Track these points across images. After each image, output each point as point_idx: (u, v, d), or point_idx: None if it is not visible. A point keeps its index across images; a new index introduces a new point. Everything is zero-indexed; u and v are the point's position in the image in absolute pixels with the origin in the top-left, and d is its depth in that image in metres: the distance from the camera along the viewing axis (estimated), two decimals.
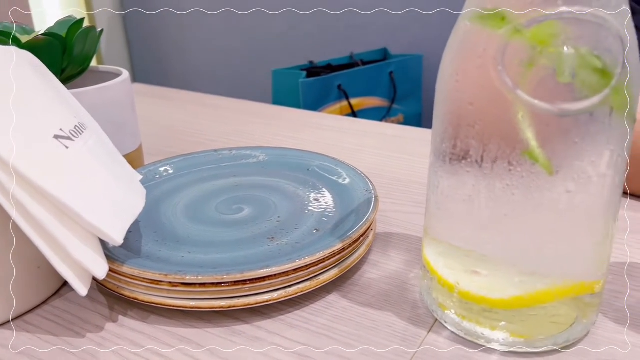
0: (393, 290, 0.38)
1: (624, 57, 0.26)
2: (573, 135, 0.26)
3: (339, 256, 0.37)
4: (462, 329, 0.32)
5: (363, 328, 0.34)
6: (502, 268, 0.30)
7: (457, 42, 0.29)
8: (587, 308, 0.32)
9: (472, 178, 0.29)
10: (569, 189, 0.27)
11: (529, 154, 0.27)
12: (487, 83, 0.27)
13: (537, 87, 0.26)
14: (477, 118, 0.28)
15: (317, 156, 0.51)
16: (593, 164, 0.27)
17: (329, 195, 0.45)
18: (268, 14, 1.64)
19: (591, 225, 0.29)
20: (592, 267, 0.30)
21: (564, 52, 0.25)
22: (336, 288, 0.38)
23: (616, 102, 0.26)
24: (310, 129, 0.73)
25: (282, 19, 1.68)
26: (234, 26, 1.86)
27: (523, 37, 0.26)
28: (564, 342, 0.31)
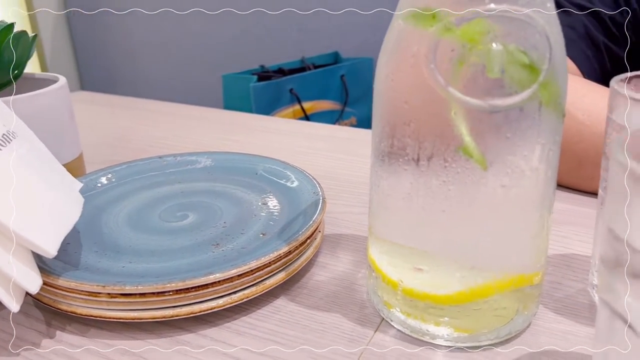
0: (341, 292, 0.37)
1: (550, 53, 0.26)
2: (504, 130, 0.26)
3: (285, 259, 0.36)
4: (408, 326, 0.32)
5: (310, 331, 0.34)
6: (443, 264, 0.30)
7: (391, 42, 0.29)
8: (527, 300, 0.32)
9: (409, 176, 0.29)
10: (503, 183, 0.28)
11: (463, 149, 0.27)
12: (420, 82, 0.27)
13: (468, 84, 0.26)
14: (412, 116, 0.28)
15: (266, 160, 0.51)
16: (525, 158, 0.27)
17: (277, 198, 0.45)
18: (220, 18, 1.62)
19: (527, 218, 0.29)
20: (530, 259, 0.31)
21: (493, 48, 0.26)
22: (284, 292, 0.38)
23: (545, 97, 0.27)
24: (261, 133, 0.73)
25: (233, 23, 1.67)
26: (184, 31, 1.83)
27: (453, 35, 0.26)
28: (506, 334, 0.32)
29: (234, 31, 1.70)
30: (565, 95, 0.29)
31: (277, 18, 1.58)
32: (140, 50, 1.98)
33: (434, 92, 0.27)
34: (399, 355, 0.31)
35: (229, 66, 1.44)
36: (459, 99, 0.26)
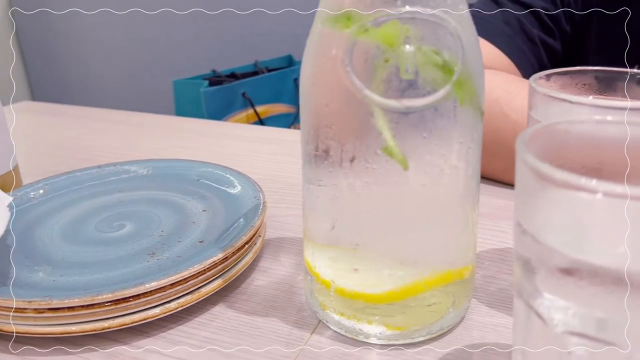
0: (280, 295, 0.37)
1: (463, 52, 0.27)
2: (421, 130, 0.27)
3: (221, 266, 0.36)
4: (343, 326, 0.33)
5: (246, 337, 0.33)
6: (372, 263, 0.31)
7: (312, 45, 0.29)
8: (459, 294, 0.33)
9: (334, 178, 0.29)
10: (423, 182, 0.28)
11: (385, 150, 0.28)
12: (338, 84, 0.27)
13: (383, 85, 0.26)
14: (333, 119, 0.28)
15: (208, 166, 0.50)
16: (444, 157, 0.28)
17: (218, 205, 0.44)
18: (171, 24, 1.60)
19: (450, 215, 0.30)
20: (458, 254, 0.32)
21: (406, 50, 0.26)
22: (222, 299, 0.37)
23: (460, 96, 0.27)
24: (211, 138, 0.72)
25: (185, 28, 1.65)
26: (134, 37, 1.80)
27: (368, 38, 0.26)
28: (439, 330, 0.32)
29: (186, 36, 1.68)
30: (483, 93, 0.29)
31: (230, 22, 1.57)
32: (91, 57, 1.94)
33: (352, 94, 0.27)
34: (333, 356, 0.32)
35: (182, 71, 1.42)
36: (375, 101, 0.26)
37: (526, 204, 0.23)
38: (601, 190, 0.20)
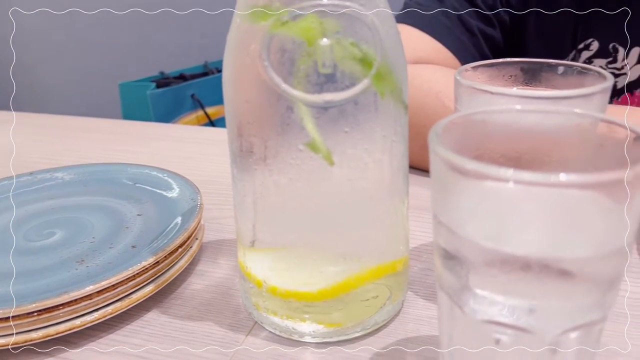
0: (216, 299, 0.37)
1: (381, 46, 0.27)
2: (342, 124, 0.27)
3: (153, 271, 0.35)
4: (277, 326, 0.32)
5: (179, 342, 0.33)
6: (302, 261, 0.30)
7: (231, 40, 0.29)
8: (395, 287, 0.33)
9: (259, 175, 0.29)
10: (348, 176, 0.28)
11: (310, 146, 0.27)
12: (257, 79, 0.27)
13: (302, 80, 0.26)
14: (254, 115, 0.27)
15: (145, 169, 0.49)
16: (367, 151, 0.28)
17: (153, 208, 0.43)
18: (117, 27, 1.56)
19: (378, 209, 0.30)
20: (389, 248, 0.32)
21: (324, 43, 0.26)
22: (156, 304, 0.36)
23: (380, 90, 0.27)
24: (155, 141, 0.71)
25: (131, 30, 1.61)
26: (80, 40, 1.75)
27: (286, 32, 0.26)
28: (374, 325, 0.32)
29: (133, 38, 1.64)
30: (405, 86, 0.29)
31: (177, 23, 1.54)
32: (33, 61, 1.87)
33: (272, 90, 0.26)
34: (267, 358, 0.31)
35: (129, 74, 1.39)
36: (294, 96, 0.26)
37: (440, 196, 0.23)
38: (511, 178, 0.20)
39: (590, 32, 0.66)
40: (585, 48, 0.67)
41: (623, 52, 0.66)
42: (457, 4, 0.63)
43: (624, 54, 0.66)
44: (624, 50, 0.66)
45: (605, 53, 0.67)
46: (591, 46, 0.67)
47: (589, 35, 0.66)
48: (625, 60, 0.67)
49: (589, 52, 0.67)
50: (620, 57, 0.67)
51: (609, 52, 0.67)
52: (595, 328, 0.23)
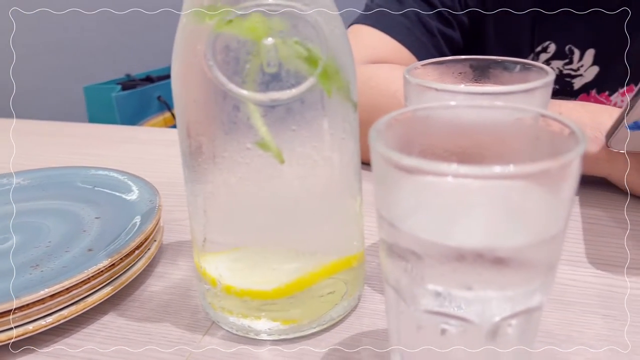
0: (174, 300, 0.37)
1: (326, 45, 0.27)
2: (289, 123, 0.27)
3: (108, 274, 0.35)
4: (233, 325, 0.32)
5: (136, 344, 0.32)
6: (255, 260, 0.30)
7: (178, 40, 0.29)
8: (351, 283, 0.33)
9: (209, 175, 0.29)
10: (298, 174, 0.28)
11: (260, 144, 0.28)
12: (203, 79, 0.27)
13: (248, 79, 0.26)
14: (202, 114, 0.28)
15: (105, 172, 0.48)
16: (316, 149, 0.28)
17: (112, 211, 0.43)
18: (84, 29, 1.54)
19: (329, 206, 0.30)
20: (342, 244, 0.32)
21: (268, 42, 0.26)
22: (114, 307, 0.36)
23: (326, 88, 0.27)
24: (120, 144, 0.70)
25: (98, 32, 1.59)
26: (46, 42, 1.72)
27: (230, 31, 0.26)
28: (330, 320, 0.33)
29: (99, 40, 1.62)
30: (354, 85, 0.30)
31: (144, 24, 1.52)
32: None
33: (218, 89, 0.27)
34: (223, 357, 0.31)
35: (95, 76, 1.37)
36: (239, 95, 0.26)
37: (382, 191, 0.23)
38: (447, 172, 0.21)
39: (548, 35, 0.68)
40: (543, 50, 0.69)
41: (579, 53, 0.68)
42: (416, 5, 0.64)
43: (579, 55, 0.68)
44: (579, 52, 0.68)
45: (562, 55, 0.68)
46: (549, 48, 0.69)
47: (546, 37, 0.68)
48: (581, 62, 0.69)
49: (546, 54, 0.69)
50: (576, 59, 0.69)
51: (566, 53, 0.68)
52: (534, 315, 0.23)
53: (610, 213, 0.45)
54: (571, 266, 0.38)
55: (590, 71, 0.69)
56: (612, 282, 0.36)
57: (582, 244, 0.41)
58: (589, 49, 0.68)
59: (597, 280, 0.37)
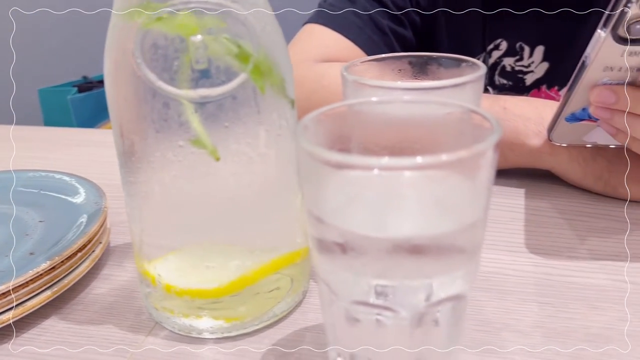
0: (119, 302, 0.36)
1: (257, 42, 0.27)
2: (222, 119, 0.27)
3: (49, 277, 0.34)
4: (176, 325, 0.32)
5: (76, 346, 0.32)
6: (193, 259, 0.30)
7: (109, 39, 0.28)
8: (297, 278, 0.34)
9: (143, 174, 0.28)
10: (234, 171, 0.28)
11: (195, 142, 0.28)
12: (133, 77, 0.27)
13: (177, 76, 0.26)
14: (133, 113, 0.27)
15: (53, 175, 0.48)
16: (250, 145, 0.28)
17: (57, 214, 0.42)
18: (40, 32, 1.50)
19: (267, 203, 0.30)
20: (284, 240, 0.32)
21: (197, 40, 0.26)
22: (56, 311, 0.35)
23: (259, 84, 0.28)
24: (74, 147, 0.69)
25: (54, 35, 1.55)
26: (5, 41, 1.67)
27: (158, 29, 0.26)
28: (273, 316, 0.33)
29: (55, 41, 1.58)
30: (290, 82, 0.30)
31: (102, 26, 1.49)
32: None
33: (147, 86, 0.26)
34: (165, 357, 0.31)
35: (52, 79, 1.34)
36: (169, 92, 0.26)
37: (309, 187, 0.23)
38: (368, 166, 0.21)
39: (498, 33, 0.69)
40: (495, 48, 0.70)
41: (529, 50, 0.70)
42: (368, 4, 0.64)
43: (529, 52, 0.70)
44: (529, 49, 0.70)
45: (513, 52, 0.70)
46: (500, 46, 0.70)
47: (497, 35, 0.69)
48: (531, 58, 0.71)
49: (498, 51, 0.71)
50: (526, 56, 0.70)
51: (517, 50, 0.70)
52: (460, 302, 0.24)
53: (553, 204, 0.46)
54: (511, 256, 0.39)
55: (541, 67, 0.71)
56: (551, 271, 0.37)
57: (523, 235, 0.42)
58: (539, 45, 0.69)
59: (536, 269, 0.38)
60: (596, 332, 0.32)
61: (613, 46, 0.35)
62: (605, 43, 0.35)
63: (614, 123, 0.40)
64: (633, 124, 0.39)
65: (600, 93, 0.39)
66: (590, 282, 0.36)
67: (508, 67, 0.71)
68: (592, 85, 0.39)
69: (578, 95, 0.40)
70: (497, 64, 0.71)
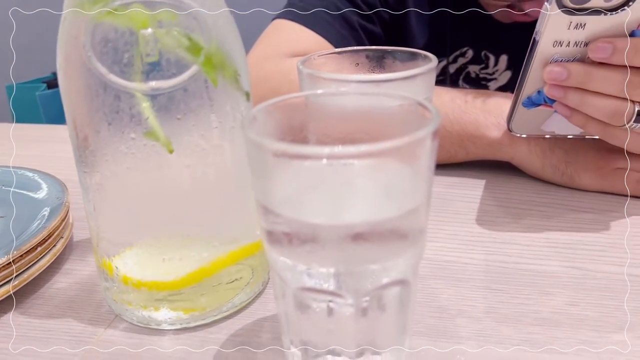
0: (80, 295, 0.36)
1: (209, 34, 0.28)
2: (174, 112, 0.27)
3: (6, 272, 0.34)
4: (135, 317, 0.32)
5: (34, 340, 0.32)
6: (150, 250, 0.31)
7: (61, 31, 0.28)
8: (257, 269, 0.34)
9: (97, 167, 0.29)
10: (187, 163, 0.29)
11: (148, 134, 0.28)
12: (85, 69, 0.27)
13: (128, 68, 0.26)
14: (85, 106, 0.28)
15: (15, 170, 0.47)
16: (204, 137, 0.29)
17: (18, 210, 0.42)
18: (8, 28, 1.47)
19: (223, 194, 0.31)
20: (242, 231, 0.33)
21: (146, 33, 0.26)
22: (16, 305, 0.35)
23: (211, 77, 0.28)
24: (42, 143, 0.68)
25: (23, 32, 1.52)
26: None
27: (109, 22, 0.26)
28: (232, 307, 0.33)
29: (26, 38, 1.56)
30: (245, 74, 0.30)
31: None
32: None
33: (98, 79, 0.27)
34: (124, 348, 0.31)
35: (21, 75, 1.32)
36: (120, 85, 0.26)
37: (256, 178, 0.24)
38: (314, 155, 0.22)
39: (464, 41, 0.71)
40: (461, 55, 0.72)
41: (493, 59, 0.72)
42: (339, 3, 0.65)
43: (494, 60, 0.72)
44: (494, 58, 0.71)
45: (478, 60, 0.71)
46: (466, 54, 0.72)
47: (463, 43, 0.71)
48: (496, 67, 0.72)
49: (464, 58, 0.72)
50: (491, 64, 0.72)
51: (482, 59, 0.72)
52: (405, 287, 0.25)
53: (512, 195, 0.47)
54: (470, 245, 0.40)
55: (504, 75, 0.73)
56: (506, 259, 0.38)
57: (482, 225, 0.43)
58: (502, 54, 0.71)
59: (492, 257, 0.39)
60: (546, 317, 0.33)
61: (560, 17, 0.36)
62: (552, 16, 0.36)
63: (567, 101, 0.41)
64: (584, 100, 0.40)
65: (551, 70, 0.40)
66: (543, 269, 0.37)
67: (473, 73, 0.73)
68: (545, 64, 0.40)
69: (532, 76, 0.41)
70: (462, 70, 0.72)
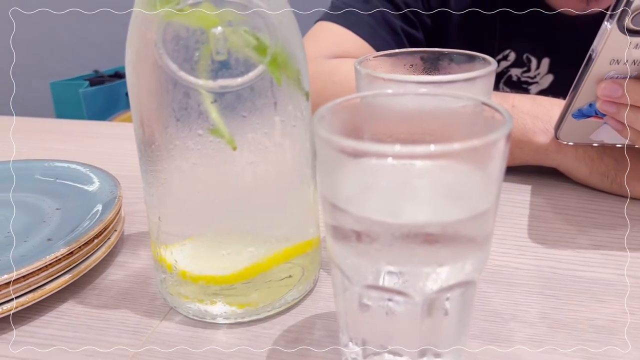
0: (134, 287, 0.37)
1: (275, 34, 0.28)
2: (240, 109, 0.28)
3: (66, 262, 0.35)
4: (190, 310, 0.33)
5: (93, 330, 0.33)
6: (210, 245, 0.31)
7: (131, 30, 0.29)
8: (308, 267, 0.34)
9: (162, 162, 0.29)
10: (249, 160, 0.29)
11: (212, 131, 0.28)
12: (155, 67, 0.27)
13: (198, 66, 0.27)
14: (154, 102, 0.28)
15: (67, 164, 0.49)
16: (267, 135, 0.29)
17: (73, 202, 0.43)
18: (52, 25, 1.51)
19: (281, 192, 0.31)
20: (297, 229, 0.33)
21: (217, 31, 0.27)
22: (73, 295, 0.36)
23: (276, 76, 0.28)
24: (86, 139, 0.70)
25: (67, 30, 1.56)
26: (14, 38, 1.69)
27: (180, 20, 0.27)
28: (284, 303, 0.34)
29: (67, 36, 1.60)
30: (305, 75, 0.31)
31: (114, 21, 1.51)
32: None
33: (169, 76, 0.27)
34: (180, 340, 0.32)
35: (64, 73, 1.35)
36: (189, 82, 0.27)
37: (324, 175, 0.24)
38: (384, 154, 0.22)
39: (508, 44, 0.70)
40: (504, 58, 0.71)
41: (535, 62, 0.71)
42: (381, 5, 0.65)
43: (536, 64, 0.71)
44: (536, 61, 0.71)
45: (520, 63, 0.71)
46: (509, 57, 0.71)
47: (506, 46, 0.70)
48: (537, 70, 0.71)
49: (506, 62, 0.71)
50: (533, 67, 0.71)
51: (524, 62, 0.71)
52: (469, 289, 0.25)
53: (558, 201, 0.47)
54: (519, 250, 0.40)
55: (546, 79, 0.72)
56: (556, 265, 0.38)
57: (530, 230, 0.43)
58: (545, 57, 0.70)
59: (542, 263, 0.38)
60: (601, 324, 0.32)
61: (619, 38, 0.35)
62: (611, 35, 0.35)
63: (620, 117, 0.40)
64: (638, 118, 0.39)
65: (606, 86, 0.39)
66: (594, 276, 0.37)
67: (514, 77, 0.72)
68: (599, 80, 0.40)
69: (585, 90, 0.41)
70: (504, 74, 0.72)
